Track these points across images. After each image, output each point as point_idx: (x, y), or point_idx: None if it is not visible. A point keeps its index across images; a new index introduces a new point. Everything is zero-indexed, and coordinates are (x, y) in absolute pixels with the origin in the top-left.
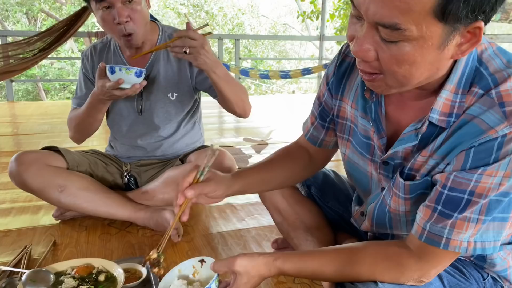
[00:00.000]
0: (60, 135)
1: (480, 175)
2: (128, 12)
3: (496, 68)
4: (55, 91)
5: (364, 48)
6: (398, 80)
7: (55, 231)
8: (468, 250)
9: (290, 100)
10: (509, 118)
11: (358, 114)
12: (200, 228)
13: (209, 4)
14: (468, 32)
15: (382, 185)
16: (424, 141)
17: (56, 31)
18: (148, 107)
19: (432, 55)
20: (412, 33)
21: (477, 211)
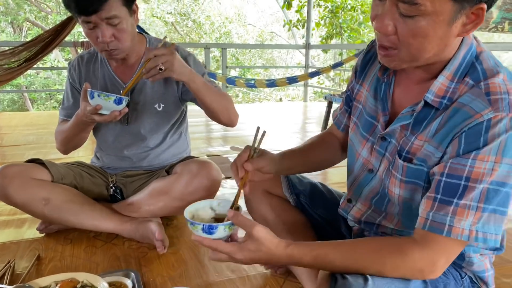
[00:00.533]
0: (46, 146)
1: (473, 160)
2: (112, 31)
3: (488, 66)
4: (41, 101)
5: (385, 24)
6: (411, 53)
7: (39, 245)
8: (471, 239)
9: (277, 108)
10: (494, 105)
11: (369, 95)
12: (186, 239)
13: (196, 13)
14: (472, 13)
15: (370, 166)
16: (419, 123)
17: (41, 41)
18: (134, 118)
19: (442, 30)
20: (427, 8)
21: (476, 198)
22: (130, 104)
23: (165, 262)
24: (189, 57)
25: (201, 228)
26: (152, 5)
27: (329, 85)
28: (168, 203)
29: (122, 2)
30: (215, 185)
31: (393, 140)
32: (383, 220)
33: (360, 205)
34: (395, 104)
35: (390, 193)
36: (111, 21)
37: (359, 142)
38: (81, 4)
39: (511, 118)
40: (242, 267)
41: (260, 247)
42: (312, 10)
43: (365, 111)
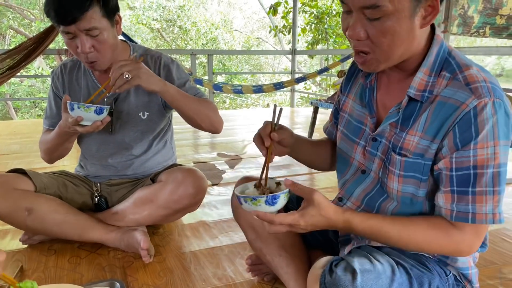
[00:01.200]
0: (30, 155)
1: (475, 150)
2: (92, 42)
3: (461, 60)
4: (25, 109)
5: (356, 31)
6: (385, 51)
7: (22, 256)
8: (495, 221)
9: (264, 114)
10: (475, 92)
11: (356, 104)
12: (172, 247)
13: (182, 19)
14: (428, 6)
15: (363, 167)
16: (407, 119)
17: (24, 48)
18: (119, 127)
19: (406, 24)
20: (389, 8)
21: (490, 183)
22: (114, 113)
23: (151, 271)
24: (172, 64)
25: (265, 200)
26: (137, 11)
27: (316, 90)
28: (153, 211)
29: (102, 13)
30: (201, 192)
31: (383, 140)
32: None
33: (351, 203)
34: (380, 106)
35: (388, 190)
36: (91, 32)
37: (350, 147)
38: (60, 14)
39: (493, 102)
40: (228, 275)
41: (320, 212)
42: (298, 16)
43: (352, 118)
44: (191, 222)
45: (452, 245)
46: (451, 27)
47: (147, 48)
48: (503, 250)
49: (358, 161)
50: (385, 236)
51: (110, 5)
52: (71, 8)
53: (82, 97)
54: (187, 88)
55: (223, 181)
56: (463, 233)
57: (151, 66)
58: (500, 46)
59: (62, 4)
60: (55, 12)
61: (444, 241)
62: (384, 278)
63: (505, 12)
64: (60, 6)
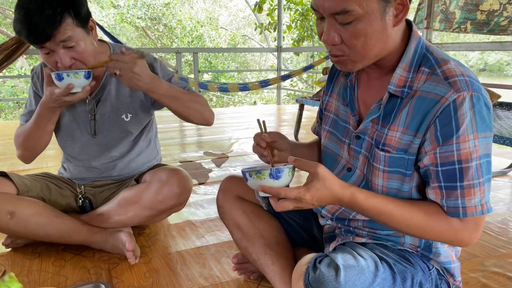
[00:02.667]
0: (13, 157)
1: (457, 144)
2: (71, 54)
3: (439, 55)
4: (9, 110)
5: (330, 36)
6: (359, 52)
7: (5, 260)
8: (484, 212)
9: (251, 111)
10: (454, 86)
11: (339, 104)
12: (159, 248)
13: (167, 17)
14: (398, 4)
15: (349, 165)
16: (387, 115)
17: (6, 48)
18: (102, 129)
19: (378, 26)
20: (359, 12)
21: (475, 176)
22: (97, 116)
23: (136, 273)
24: (156, 63)
25: (269, 173)
26: (121, 10)
27: (302, 87)
28: (138, 212)
29: (76, 23)
30: (186, 192)
31: (366, 137)
32: (357, 215)
33: None
34: (361, 104)
35: (373, 186)
36: (67, 43)
37: (338, 146)
38: (33, 33)
39: (471, 96)
40: (214, 274)
41: (326, 185)
42: (283, 13)
43: (338, 118)
44: (178, 222)
45: (452, 233)
46: (433, 23)
47: (128, 47)
48: (484, 243)
49: (345, 159)
50: (388, 216)
51: (82, 13)
52: (43, 25)
53: None
54: (173, 83)
55: (209, 180)
56: (464, 223)
57: None
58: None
59: (32, 22)
60: (27, 31)
61: (445, 228)
62: (367, 273)
63: (485, 7)
64: (31, 25)
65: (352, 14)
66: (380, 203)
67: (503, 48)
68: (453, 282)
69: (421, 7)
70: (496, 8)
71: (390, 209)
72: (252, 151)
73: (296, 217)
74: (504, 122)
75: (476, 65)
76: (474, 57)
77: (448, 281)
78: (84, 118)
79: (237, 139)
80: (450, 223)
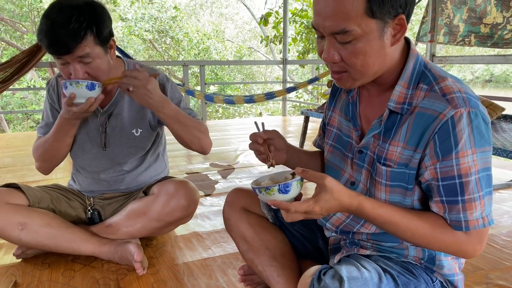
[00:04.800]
0: (23, 168)
1: (457, 159)
2: (85, 69)
3: (437, 72)
4: (17, 121)
5: (330, 54)
6: (358, 70)
7: (16, 271)
8: (485, 225)
9: None
10: (452, 103)
11: (342, 119)
12: (166, 259)
13: (174, 30)
14: (396, 24)
15: (352, 179)
16: (388, 131)
17: (17, 61)
18: (112, 143)
19: (377, 45)
20: (358, 32)
21: (475, 190)
22: (108, 129)
23: (144, 284)
24: (167, 83)
25: (278, 189)
26: (129, 23)
27: (308, 98)
28: (146, 224)
29: (96, 41)
30: (193, 205)
31: (368, 152)
32: (361, 228)
33: (340, 214)
34: (363, 119)
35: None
36: (84, 59)
37: (342, 160)
38: (54, 44)
39: (468, 112)
40: (220, 286)
41: (334, 196)
42: (288, 26)
43: (342, 133)
44: (184, 233)
45: (457, 245)
46: (437, 36)
47: (143, 64)
48: (489, 256)
49: (348, 173)
50: (394, 225)
51: (104, 33)
52: (65, 39)
53: None
54: (181, 108)
55: (215, 191)
56: (468, 236)
57: None
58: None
59: (56, 35)
60: (49, 42)
61: (450, 240)
62: (371, 285)
63: (489, 21)
64: (54, 37)
65: (352, 34)
66: (386, 213)
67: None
68: None
69: (425, 21)
70: (500, 21)
71: (397, 219)
72: (249, 148)
73: (302, 229)
74: (508, 134)
75: (482, 76)
76: (480, 68)
77: None
78: (95, 131)
79: (243, 150)
80: (455, 235)
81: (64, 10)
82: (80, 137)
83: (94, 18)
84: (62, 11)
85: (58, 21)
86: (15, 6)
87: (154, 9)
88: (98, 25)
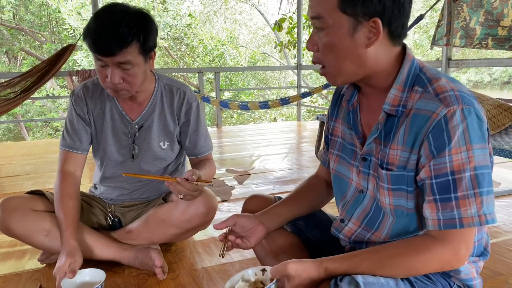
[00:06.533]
0: (44, 175)
1: (450, 156)
2: (122, 75)
3: (431, 74)
4: (37, 128)
5: (311, 42)
6: (332, 64)
7: (40, 275)
8: (482, 223)
9: (272, 128)
10: (444, 101)
11: (345, 128)
12: (185, 264)
13: (188, 37)
14: (372, 27)
15: (360, 187)
16: (387, 134)
17: (38, 71)
18: (139, 154)
19: (346, 41)
20: (328, 21)
21: (469, 186)
22: (137, 140)
23: None
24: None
25: None
26: None
27: (322, 103)
28: (165, 230)
29: (139, 50)
30: (211, 212)
31: (372, 158)
32: (372, 236)
33: (351, 224)
34: (365, 126)
35: (382, 205)
36: (124, 65)
37: (348, 169)
38: (99, 45)
39: (461, 109)
40: None
41: (301, 281)
42: (302, 31)
43: (346, 142)
44: (203, 238)
45: (436, 259)
46: (454, 40)
47: (172, 79)
48: (509, 261)
49: (356, 181)
50: (366, 270)
51: (150, 43)
52: (111, 42)
53: (105, 122)
54: (198, 137)
55: (232, 197)
56: (444, 244)
57: (175, 98)
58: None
59: (103, 36)
60: (95, 41)
61: (426, 258)
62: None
63: (507, 23)
64: (100, 37)
65: (324, 22)
66: (351, 264)
67: None
68: None
69: (441, 24)
70: None
71: (363, 269)
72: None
73: (319, 235)
74: None
75: (500, 78)
76: (498, 70)
77: None
78: (124, 141)
79: (259, 156)
80: (429, 251)
81: (116, 13)
82: (110, 148)
83: (143, 27)
84: (114, 14)
85: (108, 23)
86: (34, 17)
87: (169, 17)
88: (146, 34)
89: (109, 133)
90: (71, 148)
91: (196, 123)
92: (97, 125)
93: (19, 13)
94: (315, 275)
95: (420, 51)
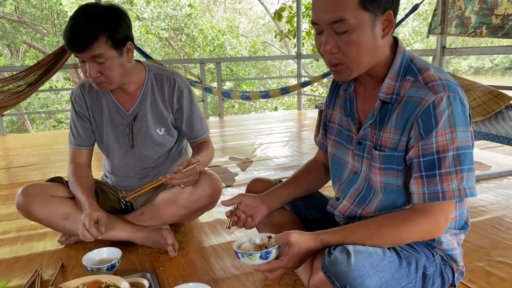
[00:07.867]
0: (48, 165)
1: (436, 137)
2: (98, 68)
3: (421, 64)
4: (40, 120)
5: (329, 46)
6: (354, 60)
7: (61, 255)
8: (462, 196)
9: (273, 117)
10: (432, 89)
11: (342, 115)
12: (194, 243)
13: (189, 27)
14: (385, 19)
15: (355, 169)
16: (382, 120)
17: (44, 64)
18: (138, 142)
19: (369, 36)
20: (353, 22)
21: (452, 164)
22: (134, 129)
23: (176, 264)
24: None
25: (259, 256)
26: (146, 22)
27: (323, 91)
28: (175, 211)
29: (110, 44)
30: (217, 193)
31: (367, 142)
32: (362, 212)
33: (345, 202)
34: (361, 113)
35: (373, 184)
36: (98, 59)
37: (344, 153)
38: (71, 42)
39: (448, 96)
40: (244, 264)
41: (301, 249)
42: (302, 20)
43: (342, 128)
44: (209, 220)
45: (419, 229)
46: (449, 28)
47: (163, 68)
48: (493, 236)
49: (351, 164)
50: (358, 240)
51: (117, 37)
52: (80, 38)
53: (103, 115)
54: (193, 121)
55: (236, 183)
56: (427, 216)
57: (166, 86)
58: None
59: (74, 33)
60: (68, 39)
61: (410, 229)
62: (375, 257)
63: (500, 12)
64: (72, 35)
65: (347, 23)
66: (344, 235)
67: None
68: (456, 267)
69: (437, 13)
70: (511, 12)
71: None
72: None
73: (316, 214)
74: None
75: (502, 63)
76: (499, 55)
77: (451, 266)
78: (123, 132)
79: (260, 144)
80: (413, 222)
81: (86, 12)
82: (109, 139)
83: (110, 21)
84: (85, 13)
85: (79, 22)
86: (35, 9)
87: (169, 8)
88: (111, 29)
89: (108, 125)
90: (78, 146)
91: (190, 108)
92: (97, 119)
93: (20, 6)
94: (312, 245)
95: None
